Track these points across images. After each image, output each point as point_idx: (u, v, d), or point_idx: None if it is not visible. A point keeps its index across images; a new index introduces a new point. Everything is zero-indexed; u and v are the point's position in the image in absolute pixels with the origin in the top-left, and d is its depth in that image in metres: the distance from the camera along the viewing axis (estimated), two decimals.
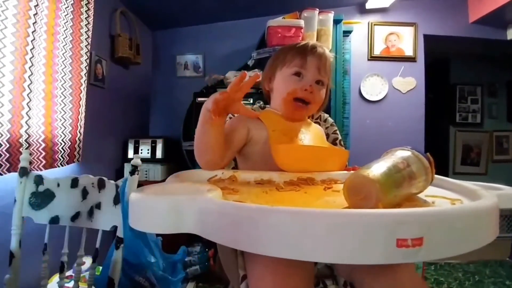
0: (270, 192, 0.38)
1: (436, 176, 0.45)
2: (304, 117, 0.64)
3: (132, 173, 0.83)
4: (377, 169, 0.31)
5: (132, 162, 0.85)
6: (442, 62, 2.74)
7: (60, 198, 0.87)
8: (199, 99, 1.85)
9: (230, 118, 0.74)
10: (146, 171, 1.83)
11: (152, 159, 1.86)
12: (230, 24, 2.34)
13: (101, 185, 0.89)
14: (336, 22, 1.95)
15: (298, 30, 1.73)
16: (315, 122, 0.74)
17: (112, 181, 0.88)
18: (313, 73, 0.60)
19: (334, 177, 0.48)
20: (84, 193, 0.88)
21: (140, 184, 0.45)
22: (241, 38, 2.26)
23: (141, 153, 1.89)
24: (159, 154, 1.88)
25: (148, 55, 2.35)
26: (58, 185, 0.88)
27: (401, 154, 0.35)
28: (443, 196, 0.36)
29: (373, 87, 2.34)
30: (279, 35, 1.72)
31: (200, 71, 2.38)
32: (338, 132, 0.73)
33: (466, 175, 2.75)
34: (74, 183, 0.89)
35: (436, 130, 2.60)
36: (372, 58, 2.32)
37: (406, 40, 2.25)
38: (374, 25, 2.27)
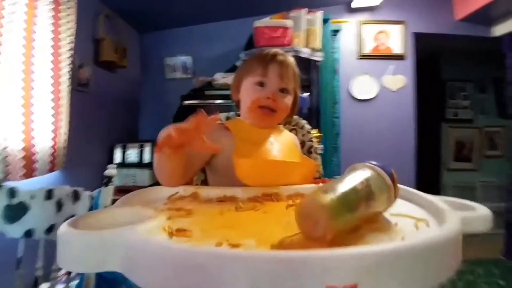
0: (227, 213, 0.36)
1: (405, 188, 0.43)
2: (273, 124, 0.62)
3: (106, 184, 0.81)
4: (331, 191, 0.29)
5: (105, 172, 0.82)
6: (433, 59, 2.73)
7: (34, 211, 0.84)
8: (186, 102, 1.83)
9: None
10: (133, 176, 1.80)
11: (140, 164, 1.83)
12: (218, 25, 2.31)
13: (76, 196, 0.86)
14: (325, 21, 1.93)
15: (285, 30, 1.70)
16: (292, 129, 0.72)
17: (88, 192, 0.86)
18: (275, 81, 0.59)
19: (302, 191, 0.46)
20: (59, 205, 0.85)
21: (129, 190, 0.42)
22: (230, 39, 2.23)
23: (129, 157, 1.86)
24: (146, 158, 1.85)
25: (136, 58, 2.31)
26: (32, 197, 0.85)
27: (361, 172, 0.33)
28: (408, 215, 0.34)
29: (363, 86, 2.33)
30: (266, 36, 1.70)
31: (189, 72, 2.35)
32: (313, 140, 0.71)
33: (459, 171, 2.75)
34: (49, 194, 0.86)
35: (427, 127, 2.60)
36: (362, 57, 2.30)
37: (395, 38, 2.24)
38: (363, 23, 2.26)
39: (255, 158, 0.53)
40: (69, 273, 0.83)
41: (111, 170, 0.84)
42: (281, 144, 0.59)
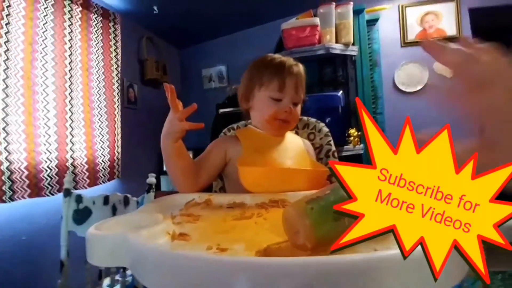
0: (230, 219, 0.39)
1: None
2: (285, 133, 0.63)
3: (148, 191, 0.92)
4: (315, 200, 0.29)
5: (147, 180, 0.93)
6: (495, 36, 2.34)
7: (96, 214, 1.00)
8: (221, 110, 1.92)
9: (224, 134, 0.76)
10: None
11: None
12: (249, 32, 2.38)
13: (126, 202, 0.99)
14: (358, 12, 1.83)
15: (313, 28, 1.67)
16: (310, 133, 0.72)
17: (135, 198, 0.98)
18: (291, 96, 0.60)
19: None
20: (114, 209, 0.99)
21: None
22: (261, 44, 2.27)
23: None
24: None
25: (176, 73, 2.52)
26: (94, 202, 1.01)
27: None
28: None
29: (410, 77, 2.12)
30: (294, 37, 1.69)
31: (224, 81, 2.47)
32: (332, 143, 0.69)
33: None
34: (106, 200, 1.01)
35: None
36: (407, 44, 2.11)
37: (446, 19, 1.99)
38: (406, 7, 2.07)
39: (259, 166, 0.54)
40: (124, 269, 0.96)
41: (151, 179, 0.94)
42: (290, 151, 0.59)
